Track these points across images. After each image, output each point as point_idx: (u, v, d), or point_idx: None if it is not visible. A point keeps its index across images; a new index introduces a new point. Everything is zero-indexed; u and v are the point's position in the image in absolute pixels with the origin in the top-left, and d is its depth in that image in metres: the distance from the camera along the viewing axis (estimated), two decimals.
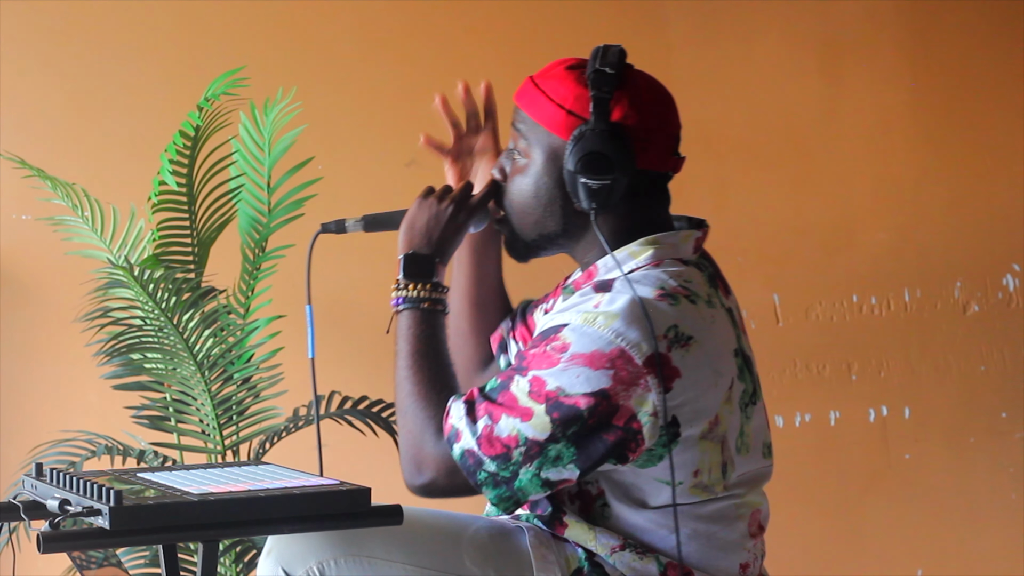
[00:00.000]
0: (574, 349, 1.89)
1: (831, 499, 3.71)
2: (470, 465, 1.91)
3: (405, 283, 2.04)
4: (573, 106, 1.99)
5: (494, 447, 1.89)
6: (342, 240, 3.56)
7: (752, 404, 2.01)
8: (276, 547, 1.95)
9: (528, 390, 1.89)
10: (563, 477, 1.90)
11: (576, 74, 2.00)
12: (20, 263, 3.60)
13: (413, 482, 1.96)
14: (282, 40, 3.65)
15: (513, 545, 1.98)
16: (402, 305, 2.04)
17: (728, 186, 3.72)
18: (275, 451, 3.12)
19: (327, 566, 1.93)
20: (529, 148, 2.03)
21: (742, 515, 2.01)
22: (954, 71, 3.73)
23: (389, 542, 1.94)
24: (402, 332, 2.03)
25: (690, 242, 2.04)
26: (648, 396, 1.88)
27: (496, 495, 1.92)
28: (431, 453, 1.94)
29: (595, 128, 1.95)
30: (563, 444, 1.88)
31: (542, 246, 2.06)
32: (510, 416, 1.89)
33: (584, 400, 1.87)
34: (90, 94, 3.61)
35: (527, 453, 1.89)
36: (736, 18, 3.71)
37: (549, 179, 2.01)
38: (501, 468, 1.90)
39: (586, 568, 1.96)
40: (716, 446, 1.95)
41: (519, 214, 2.05)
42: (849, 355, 3.71)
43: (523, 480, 1.90)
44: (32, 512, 1.82)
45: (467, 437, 1.91)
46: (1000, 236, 3.70)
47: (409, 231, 2.08)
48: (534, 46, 3.68)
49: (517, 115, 2.06)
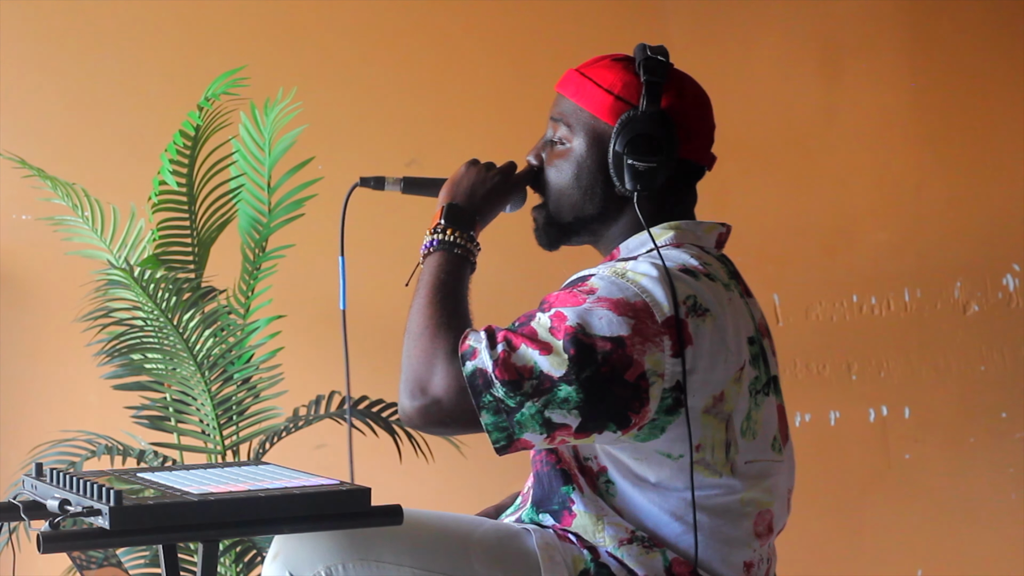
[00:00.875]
0: (601, 293, 1.91)
1: (831, 499, 3.71)
2: (479, 385, 1.89)
3: (444, 227, 2.05)
4: (622, 92, 2.03)
5: (507, 372, 1.88)
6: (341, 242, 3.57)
7: (764, 394, 2.02)
8: (283, 551, 1.94)
9: (549, 325, 1.90)
10: (564, 422, 1.89)
11: (623, 64, 2.06)
12: (20, 263, 3.60)
13: (411, 403, 1.93)
14: (282, 40, 3.66)
15: (520, 547, 1.98)
16: (436, 246, 2.04)
17: (728, 186, 3.72)
18: (275, 451, 3.13)
19: (335, 570, 1.92)
20: (571, 134, 2.07)
21: (748, 513, 2.01)
22: (954, 71, 3.73)
23: (397, 546, 1.93)
24: (430, 268, 2.03)
25: (713, 234, 2.09)
26: (661, 357, 1.90)
27: (493, 422, 1.89)
28: (441, 371, 1.92)
29: (646, 111, 2.01)
30: (574, 388, 1.88)
31: (576, 230, 2.09)
32: (529, 347, 1.89)
33: (601, 343, 1.88)
34: (90, 94, 3.62)
35: (538, 387, 1.88)
36: (736, 18, 3.71)
37: (592, 162, 2.05)
38: (508, 395, 1.88)
39: (592, 569, 1.96)
40: (720, 424, 1.96)
41: (557, 197, 2.09)
42: (849, 355, 3.71)
43: (525, 414, 1.89)
44: (32, 512, 1.82)
45: (483, 356, 1.90)
46: (1000, 236, 3.71)
47: (454, 187, 2.10)
48: (534, 46, 3.68)
49: (559, 103, 2.10)
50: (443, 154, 3.63)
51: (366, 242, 3.00)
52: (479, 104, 3.68)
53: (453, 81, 3.70)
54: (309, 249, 3.36)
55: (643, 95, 2.01)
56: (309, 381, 3.27)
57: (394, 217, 3.27)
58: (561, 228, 2.10)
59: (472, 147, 3.63)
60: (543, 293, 2.23)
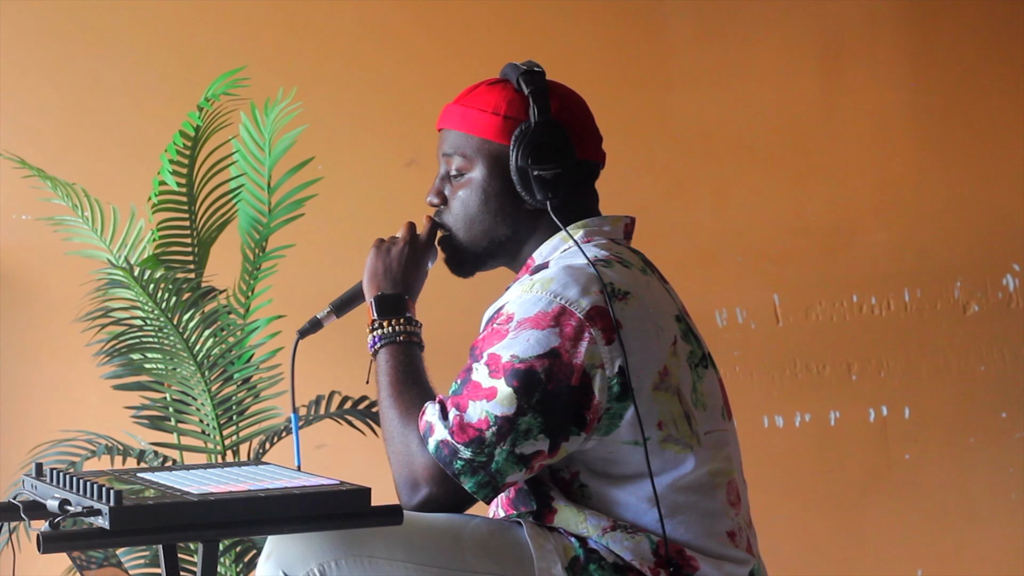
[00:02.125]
0: (518, 317, 1.96)
1: (831, 499, 3.71)
2: (445, 456, 1.95)
3: (380, 322, 2.11)
4: (508, 111, 2.08)
5: (466, 433, 1.94)
6: (340, 239, 3.58)
7: (703, 367, 2.07)
8: (276, 549, 1.94)
9: (487, 371, 1.95)
10: (536, 449, 1.94)
11: (500, 85, 2.11)
12: (20, 263, 3.60)
13: (411, 502, 1.99)
14: (282, 40, 3.65)
15: (512, 538, 1.99)
16: (379, 343, 2.10)
17: (728, 186, 3.72)
18: (275, 451, 3.12)
19: (328, 567, 1.92)
20: (468, 163, 2.11)
21: (719, 484, 2.03)
22: (954, 71, 3.73)
23: (390, 541, 1.94)
24: (381, 368, 2.09)
25: (619, 225, 2.13)
26: (595, 348, 1.94)
27: (474, 482, 1.95)
28: (419, 463, 1.98)
29: (539, 121, 2.05)
30: (531, 415, 1.93)
31: (492, 253, 2.14)
32: (476, 400, 1.95)
33: (538, 362, 1.93)
34: (90, 94, 3.61)
35: (499, 432, 1.93)
36: (736, 18, 3.71)
37: (497, 183, 2.09)
38: (476, 453, 1.94)
39: (582, 555, 1.98)
40: (672, 397, 1.99)
41: (467, 226, 2.13)
42: (849, 355, 3.71)
43: (499, 461, 1.94)
44: (32, 512, 1.82)
45: (439, 429, 1.96)
46: (1000, 236, 3.70)
47: (373, 278, 2.15)
48: (534, 46, 3.68)
49: (446, 139, 2.13)
50: None
51: (364, 240, 2.99)
52: None
53: (453, 81, 3.69)
54: (309, 249, 3.36)
55: (531, 106, 2.06)
56: (309, 381, 3.27)
57: (394, 216, 3.26)
58: (477, 256, 2.14)
59: None
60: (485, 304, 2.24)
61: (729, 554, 2.03)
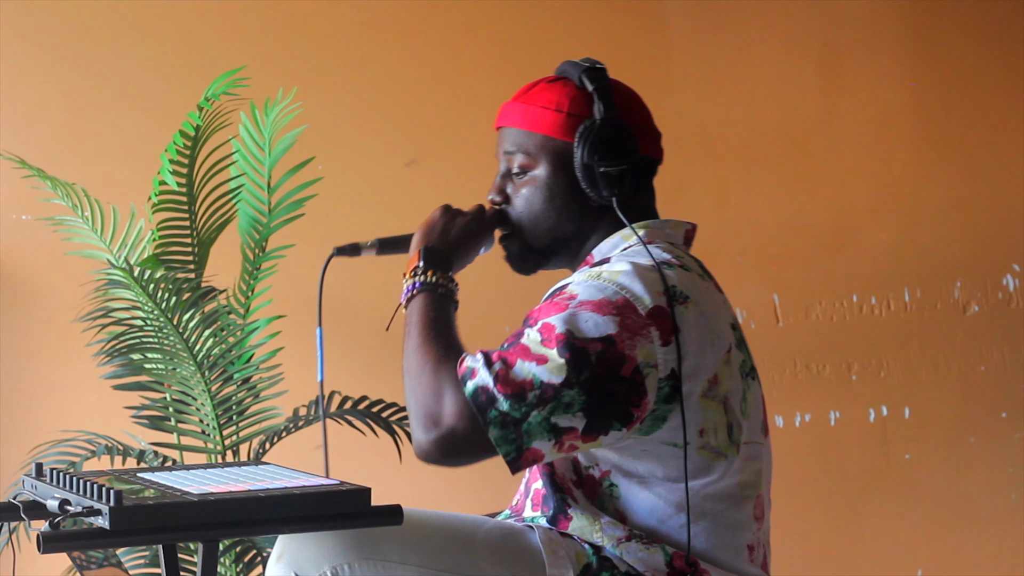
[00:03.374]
0: (581, 297, 1.94)
1: (831, 499, 3.71)
2: (483, 402, 1.90)
3: (424, 269, 2.06)
4: (571, 108, 2.07)
5: (509, 386, 1.89)
6: (340, 239, 3.57)
7: (752, 378, 2.06)
8: (287, 551, 1.93)
9: (540, 339, 1.92)
10: (571, 425, 1.90)
11: (560, 82, 2.10)
12: (20, 263, 3.60)
13: (426, 437, 1.92)
14: (282, 40, 3.65)
15: (525, 543, 1.99)
16: (419, 288, 2.05)
17: (728, 186, 3.72)
18: (275, 451, 3.12)
19: (341, 570, 1.91)
20: (532, 161, 2.09)
21: (747, 496, 2.03)
22: (954, 71, 3.73)
23: (403, 545, 1.93)
24: (416, 311, 2.03)
25: (680, 231, 2.12)
26: (651, 347, 1.92)
27: (501, 435, 1.89)
28: (449, 399, 1.92)
29: (604, 117, 2.04)
30: (576, 391, 1.89)
31: (555, 251, 2.12)
32: (525, 361, 1.91)
33: (592, 345, 1.90)
34: (90, 94, 3.62)
35: (541, 396, 1.89)
36: (736, 18, 3.71)
37: (562, 181, 2.08)
38: (513, 408, 1.89)
39: (595, 563, 1.97)
40: (719, 406, 1.98)
41: (532, 224, 2.11)
42: (849, 355, 3.71)
43: (532, 423, 1.89)
44: (32, 512, 1.82)
45: (483, 374, 1.91)
46: (1000, 236, 3.70)
47: (429, 232, 2.11)
48: (534, 46, 3.68)
49: (507, 137, 2.12)
50: (443, 154, 3.63)
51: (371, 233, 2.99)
52: (479, 104, 3.68)
53: (453, 81, 3.70)
54: (309, 249, 3.36)
55: (596, 103, 2.05)
56: (309, 381, 3.27)
57: (395, 216, 3.27)
58: (540, 253, 2.13)
59: (472, 147, 3.63)
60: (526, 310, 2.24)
61: (744, 569, 2.02)
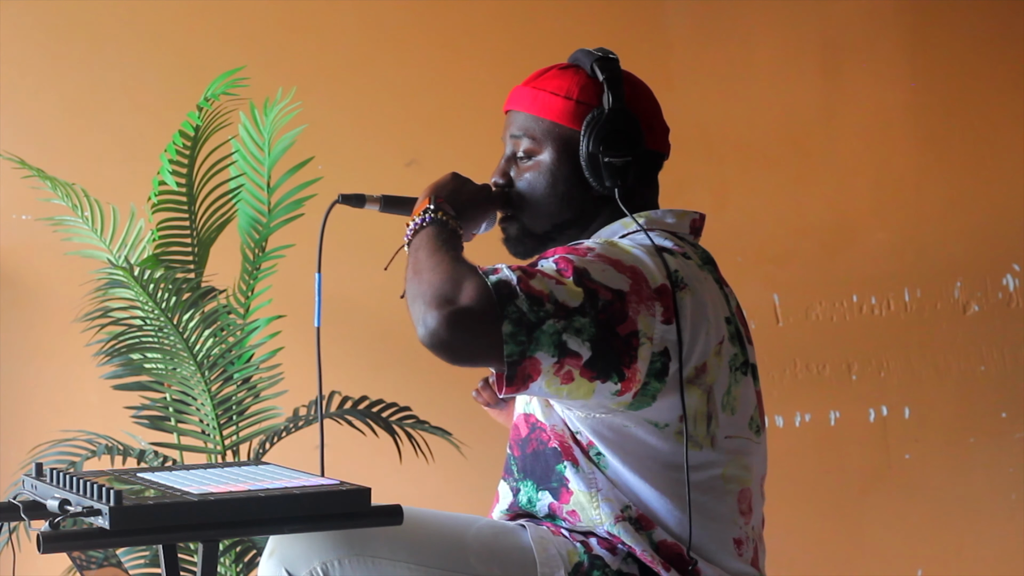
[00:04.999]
0: (599, 251, 1.94)
1: (831, 499, 3.71)
2: (504, 293, 1.85)
3: (435, 208, 2.01)
4: (580, 96, 2.06)
5: (531, 289, 1.86)
6: (342, 240, 3.57)
7: (743, 373, 2.05)
8: (279, 548, 1.94)
9: (556, 268, 1.90)
10: (576, 350, 1.87)
11: (572, 70, 2.09)
12: (20, 263, 3.60)
13: (441, 311, 1.83)
14: (282, 40, 3.66)
15: (516, 541, 1.99)
16: (428, 222, 2.00)
17: (728, 186, 3.72)
18: (275, 451, 3.13)
19: (331, 567, 1.92)
20: (537, 145, 2.09)
21: (730, 490, 2.03)
22: (954, 71, 3.73)
23: (393, 542, 1.94)
24: (425, 238, 1.98)
25: (686, 220, 2.11)
26: (652, 320, 1.92)
27: (512, 332, 1.84)
28: (469, 283, 1.85)
29: (612, 108, 2.04)
30: (588, 320, 1.88)
31: (552, 237, 2.11)
32: (544, 277, 1.88)
33: (603, 291, 1.89)
34: (90, 94, 3.62)
35: (556, 310, 1.86)
36: (736, 18, 3.71)
37: (566, 168, 2.07)
38: (531, 310, 1.85)
39: (586, 562, 1.97)
40: (702, 395, 1.98)
41: (533, 208, 2.10)
42: (849, 355, 3.71)
43: (544, 331, 1.85)
44: (32, 512, 1.82)
45: (506, 271, 1.87)
46: (1000, 236, 3.71)
47: (438, 189, 2.06)
48: (534, 46, 3.68)
49: (514, 120, 2.11)
50: (443, 154, 3.63)
51: (365, 241, 3.00)
52: (479, 104, 3.68)
53: (453, 81, 3.70)
54: (309, 249, 3.36)
55: (606, 93, 2.04)
56: (309, 381, 3.27)
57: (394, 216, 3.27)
58: (538, 238, 2.11)
59: (472, 147, 3.63)
60: None
61: (732, 564, 2.02)
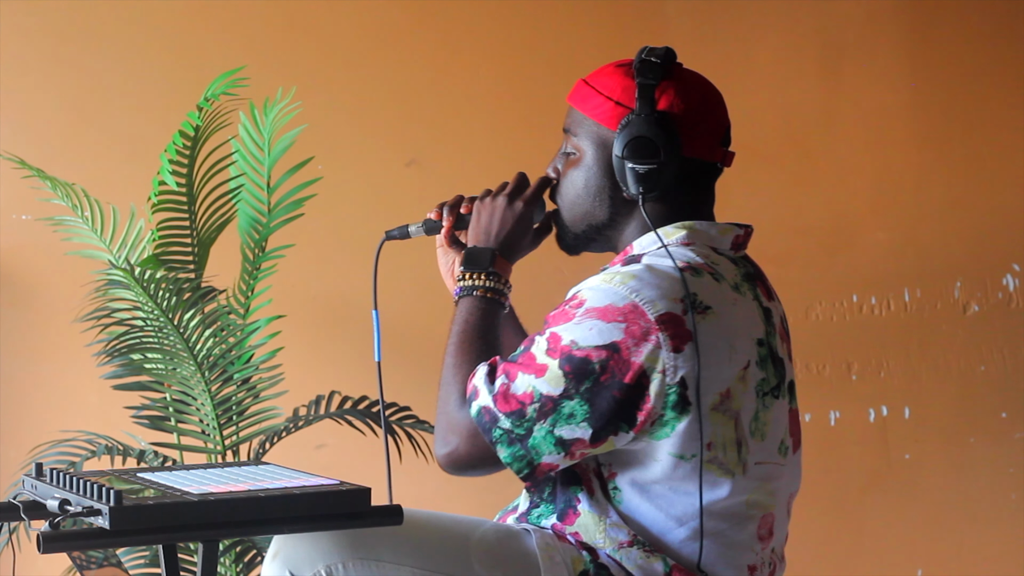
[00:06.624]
0: (589, 304, 1.94)
1: (831, 499, 3.71)
2: (486, 422, 1.94)
3: (462, 274, 2.10)
4: (620, 97, 2.05)
5: (509, 404, 1.93)
6: (340, 239, 3.58)
7: (773, 396, 2.02)
8: (282, 550, 1.94)
9: (546, 348, 1.94)
10: (576, 436, 1.92)
11: (624, 69, 2.08)
12: (20, 263, 3.60)
13: (439, 452, 2.00)
14: (282, 40, 3.65)
15: (520, 547, 1.99)
16: (460, 293, 2.09)
17: (728, 186, 3.71)
18: (275, 451, 3.13)
19: (335, 569, 1.92)
20: (580, 143, 2.09)
21: (752, 516, 2.01)
22: (954, 71, 3.73)
23: (397, 545, 1.94)
24: (455, 318, 2.08)
25: (728, 236, 2.10)
26: (658, 353, 1.91)
27: (510, 453, 1.94)
28: (456, 418, 1.98)
29: (640, 114, 2.02)
30: (576, 401, 1.91)
31: (591, 237, 2.12)
32: (526, 373, 1.94)
33: (595, 353, 1.91)
34: (90, 94, 3.61)
35: (541, 410, 1.92)
36: (736, 18, 3.71)
37: (599, 169, 2.08)
38: (515, 425, 1.93)
39: (592, 570, 1.96)
40: (729, 421, 1.96)
41: (570, 206, 2.11)
42: (849, 355, 3.71)
43: (537, 438, 1.93)
44: (32, 512, 1.82)
45: (484, 394, 1.95)
46: (1000, 236, 3.70)
47: (473, 232, 2.14)
48: (534, 46, 3.68)
49: (569, 115, 2.12)
50: (443, 154, 3.63)
51: (365, 241, 2.99)
52: (479, 104, 3.68)
53: (453, 81, 3.70)
54: (309, 249, 3.36)
55: (637, 98, 2.03)
56: (309, 381, 3.27)
57: (395, 216, 3.27)
58: (576, 236, 2.13)
59: (472, 147, 3.64)
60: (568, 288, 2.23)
61: None
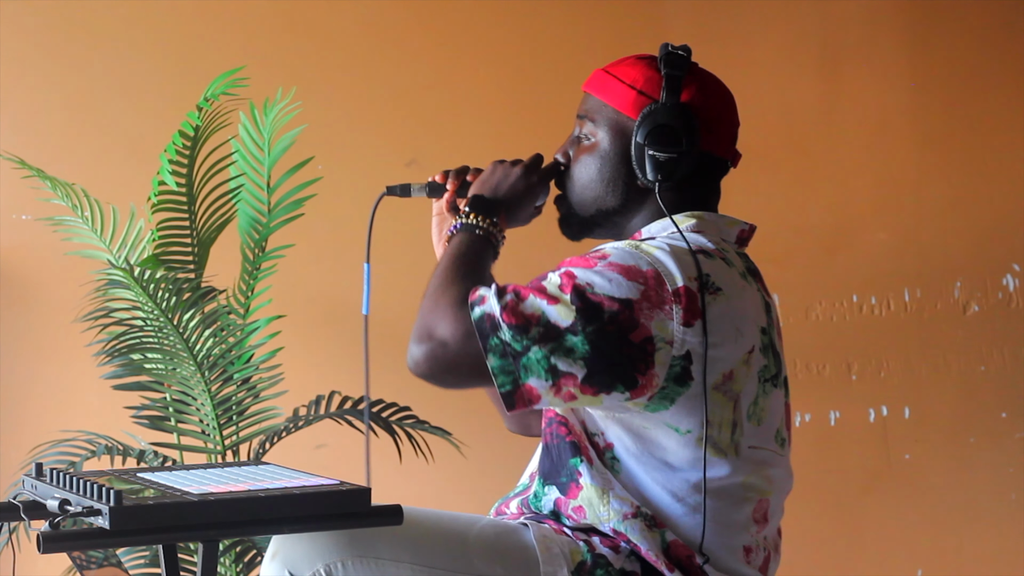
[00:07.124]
0: (613, 259, 1.95)
1: (831, 499, 3.71)
2: (486, 327, 1.92)
3: (468, 212, 2.09)
4: (644, 87, 2.08)
5: (515, 317, 1.92)
6: (340, 239, 3.58)
7: (772, 384, 2.04)
8: (281, 549, 1.94)
9: (558, 283, 1.94)
10: (569, 371, 1.91)
11: (647, 61, 2.10)
12: (20, 263, 3.60)
13: (421, 347, 1.94)
14: (282, 40, 3.66)
15: (518, 541, 1.99)
16: (459, 228, 2.09)
17: (728, 186, 3.71)
18: (275, 451, 3.13)
19: (334, 568, 1.92)
20: (596, 129, 2.11)
21: (749, 498, 2.02)
22: (954, 71, 3.73)
23: (396, 543, 1.94)
24: (451, 246, 2.07)
25: (734, 229, 2.14)
26: (668, 323, 1.92)
27: (500, 365, 1.92)
28: (449, 316, 1.95)
29: (666, 103, 2.05)
30: (580, 338, 1.91)
31: (598, 222, 2.13)
32: (537, 297, 1.93)
33: (609, 303, 1.91)
34: (90, 94, 3.62)
35: (544, 334, 1.91)
36: (736, 18, 3.71)
37: (615, 155, 2.09)
38: (515, 339, 1.91)
39: (589, 560, 1.97)
40: (728, 402, 1.97)
41: (580, 191, 2.13)
42: (849, 355, 3.71)
43: (531, 358, 1.91)
44: (32, 512, 1.82)
45: (491, 302, 1.93)
46: (1000, 236, 3.71)
47: (481, 183, 2.14)
48: (534, 46, 3.68)
49: (585, 101, 2.13)
50: (443, 154, 3.63)
51: (363, 241, 2.99)
52: (479, 104, 3.68)
53: (453, 81, 3.70)
54: (309, 249, 3.36)
55: (663, 88, 2.06)
56: (309, 381, 3.27)
57: (394, 216, 3.27)
58: (583, 221, 2.14)
59: (472, 147, 3.63)
60: None
61: (740, 569, 2.01)
